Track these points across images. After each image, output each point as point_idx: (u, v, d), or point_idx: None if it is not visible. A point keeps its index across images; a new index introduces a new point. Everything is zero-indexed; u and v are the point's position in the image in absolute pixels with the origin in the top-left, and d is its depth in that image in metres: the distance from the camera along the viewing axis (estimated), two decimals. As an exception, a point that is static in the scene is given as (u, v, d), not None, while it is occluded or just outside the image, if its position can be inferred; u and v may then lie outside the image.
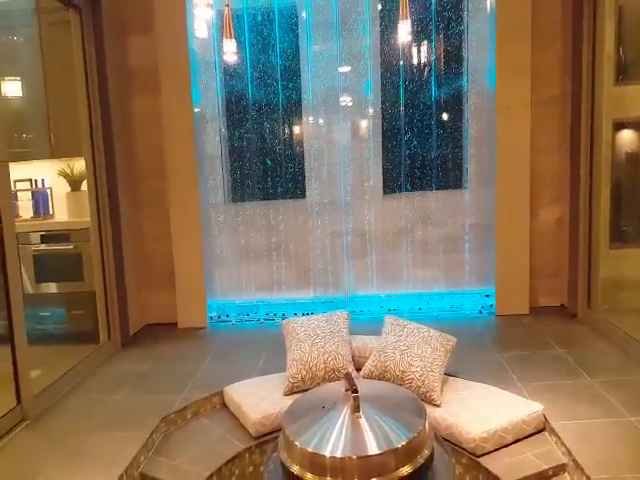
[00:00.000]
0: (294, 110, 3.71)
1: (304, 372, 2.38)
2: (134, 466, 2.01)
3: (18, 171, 3.71)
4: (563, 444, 1.96)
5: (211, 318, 3.74)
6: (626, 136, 3.43)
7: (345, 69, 3.65)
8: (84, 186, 3.53)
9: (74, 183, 3.68)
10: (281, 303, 3.77)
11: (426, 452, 1.61)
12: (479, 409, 2.14)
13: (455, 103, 3.65)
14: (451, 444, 2.04)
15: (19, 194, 3.76)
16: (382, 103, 3.66)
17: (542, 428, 2.13)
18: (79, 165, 3.56)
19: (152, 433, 2.19)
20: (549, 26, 3.42)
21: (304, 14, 3.60)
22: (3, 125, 2.37)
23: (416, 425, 1.63)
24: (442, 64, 3.62)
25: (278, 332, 2.67)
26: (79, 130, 3.18)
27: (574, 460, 1.87)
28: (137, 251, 3.65)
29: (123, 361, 3.08)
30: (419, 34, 3.59)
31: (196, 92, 3.63)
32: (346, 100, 3.67)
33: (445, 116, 3.67)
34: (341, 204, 3.74)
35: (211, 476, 2.00)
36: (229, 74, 3.70)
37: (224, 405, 2.50)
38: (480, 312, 3.64)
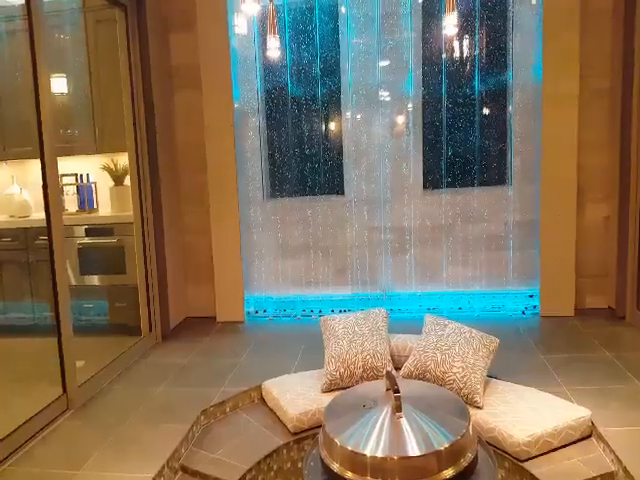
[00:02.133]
0: (333, 105, 3.71)
1: (342, 369, 2.38)
2: (175, 458, 2.06)
3: (64, 166, 3.85)
4: (612, 451, 1.89)
5: (249, 313, 3.79)
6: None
7: (385, 64, 3.61)
8: (127, 181, 3.63)
9: (117, 178, 3.79)
10: (318, 299, 3.78)
11: (469, 455, 1.59)
12: (523, 412, 2.10)
13: (499, 97, 3.56)
14: (494, 447, 2.00)
15: (65, 188, 3.90)
16: (423, 98, 3.61)
17: (589, 434, 2.07)
18: (122, 160, 3.66)
19: (192, 425, 2.24)
20: (598, 16, 3.29)
21: (344, 8, 3.58)
22: (50, 121, 2.44)
23: (459, 427, 1.61)
24: (486, 57, 3.53)
25: (315, 328, 2.68)
26: (123, 126, 3.27)
27: (624, 468, 1.80)
28: (178, 245, 3.72)
29: (163, 353, 3.15)
30: (462, 27, 3.51)
31: (236, 88, 3.67)
32: (385, 95, 3.64)
33: (488, 111, 3.58)
34: (380, 200, 3.72)
35: (250, 470, 2.02)
36: (269, 70, 3.72)
37: (262, 400, 2.53)
38: (523, 313, 3.55)
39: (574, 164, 3.35)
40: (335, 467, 1.60)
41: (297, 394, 2.35)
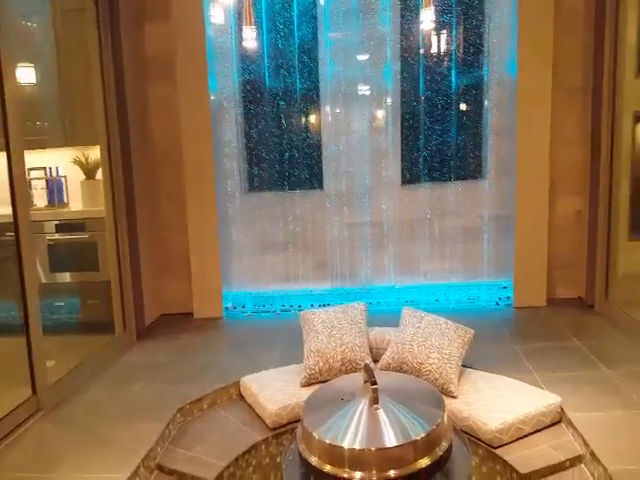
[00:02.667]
0: (312, 99, 3.71)
1: (321, 364, 2.41)
2: (151, 457, 2.05)
3: (32, 159, 3.74)
4: (580, 435, 1.98)
5: (227, 309, 3.78)
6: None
7: (364, 57, 3.63)
8: (99, 174, 3.57)
9: (89, 171, 3.71)
10: (297, 294, 3.80)
11: (444, 444, 1.64)
12: (496, 401, 2.17)
13: (476, 93, 3.62)
14: (469, 435, 2.07)
15: (33, 182, 3.78)
16: (401, 92, 3.64)
17: (559, 420, 2.16)
18: (94, 153, 3.58)
19: (169, 424, 2.23)
20: (572, 15, 3.38)
21: (323, 1, 3.58)
22: (17, 112, 2.38)
23: (435, 417, 1.66)
24: (463, 53, 3.58)
25: (294, 323, 2.70)
26: (94, 118, 3.20)
27: (591, 451, 1.90)
28: (153, 240, 3.68)
29: (138, 351, 3.12)
30: (440, 22, 3.55)
31: (213, 80, 3.64)
32: (364, 89, 3.66)
33: (465, 106, 3.65)
34: (359, 195, 3.74)
35: (228, 467, 2.03)
36: (246, 61, 3.70)
37: (241, 396, 2.54)
38: (497, 304, 3.65)
39: (547, 159, 3.44)
40: (313, 460, 1.63)
41: (276, 389, 2.38)
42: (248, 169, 3.82)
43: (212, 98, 3.64)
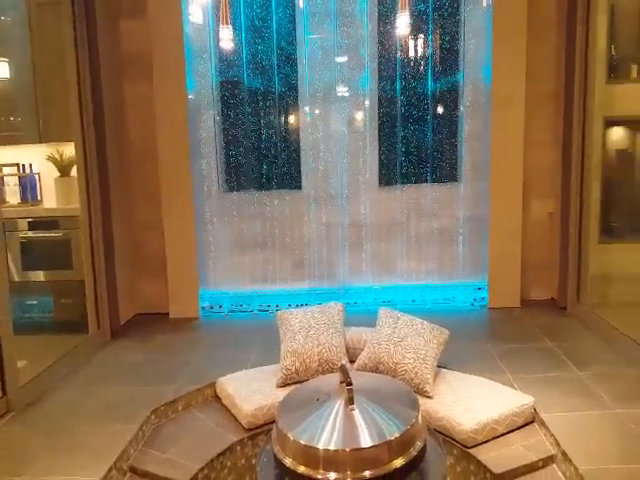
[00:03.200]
0: (290, 99, 3.69)
1: (298, 364, 2.38)
2: (123, 459, 2.00)
3: (5, 155, 3.65)
4: (552, 435, 2.00)
5: (203, 308, 3.74)
6: (616, 133, 3.48)
7: (342, 59, 3.62)
8: (74, 172, 3.49)
9: (63, 169, 3.62)
10: (275, 294, 3.77)
11: (419, 444, 1.63)
12: (470, 401, 2.17)
13: (451, 96, 3.65)
14: (443, 435, 2.07)
15: (6, 179, 3.69)
16: (379, 95, 3.65)
17: (532, 420, 2.17)
18: (68, 150, 3.50)
19: (142, 425, 2.18)
20: (544, 21, 3.43)
21: (302, 2, 3.56)
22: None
23: (409, 417, 1.65)
24: (439, 57, 3.61)
25: (272, 323, 2.67)
26: (69, 114, 3.12)
27: (562, 451, 1.91)
28: (128, 239, 3.62)
29: (113, 352, 3.06)
30: (417, 26, 3.57)
31: (190, 79, 3.58)
32: (343, 91, 3.65)
33: (441, 109, 3.67)
34: (337, 195, 3.74)
35: (202, 469, 2.00)
36: (224, 61, 3.65)
37: (216, 397, 2.50)
38: (472, 304, 3.68)
39: (520, 162, 3.48)
40: (288, 462, 1.60)
41: (252, 390, 2.34)
42: (226, 169, 3.78)
43: (190, 97, 3.59)
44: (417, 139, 3.67)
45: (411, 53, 3.63)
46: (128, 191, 3.62)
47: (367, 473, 1.53)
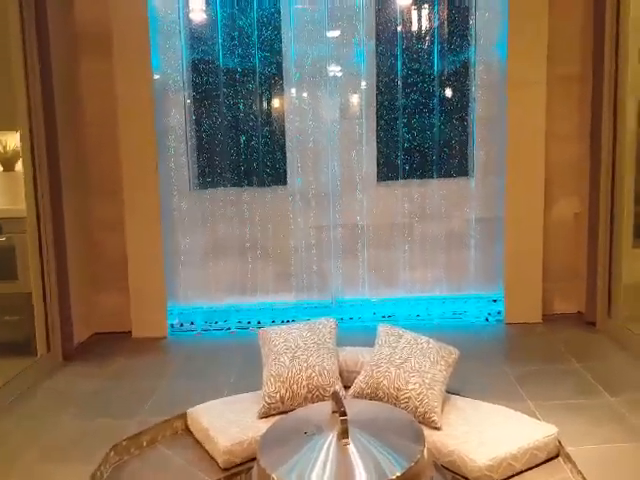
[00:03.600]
0: (274, 81, 3.70)
1: (283, 391, 2.38)
2: (79, 504, 1.99)
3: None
4: (579, 472, 2.01)
5: (172, 326, 3.74)
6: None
7: (334, 34, 3.63)
8: (19, 166, 3.46)
9: (7, 161, 3.61)
10: (256, 309, 3.78)
11: (425, 484, 1.63)
12: (485, 433, 2.18)
13: (461, 78, 3.68)
14: (453, 473, 2.07)
15: (-62, 174, 3.67)
16: (377, 75, 3.67)
17: (556, 454, 2.18)
18: (13, 140, 3.49)
19: (100, 465, 2.16)
20: (568, -5, 3.47)
21: (286, -33, 3.58)
22: None
23: (413, 453, 1.65)
24: (446, 32, 3.64)
25: (253, 343, 2.67)
26: (13, 99, 3.11)
27: (592, 491, 1.92)
28: (84, 245, 3.61)
29: (65, 378, 3.05)
30: (420, -5, 3.61)
31: (156, 57, 3.58)
32: (335, 70, 3.67)
33: (449, 92, 3.70)
34: (328, 193, 3.75)
35: (170, 515, 1.99)
36: (196, 37, 3.66)
37: (187, 430, 2.49)
38: (486, 320, 3.70)
39: (541, 154, 3.51)
40: (272, 506, 1.59)
41: (230, 422, 2.34)
42: (198, 161, 3.78)
43: (156, 78, 3.59)
44: (421, 127, 3.69)
45: (414, 27, 3.65)
46: (83, 187, 3.61)
47: (364, 518, 1.53)
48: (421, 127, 3.69)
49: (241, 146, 3.74)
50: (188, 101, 3.70)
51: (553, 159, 3.56)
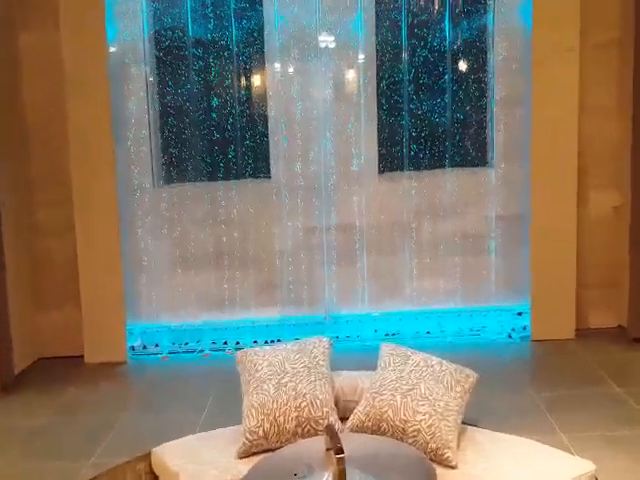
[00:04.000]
0: (253, 54, 3.72)
1: (267, 425, 2.38)
2: None
3: None
4: (622, 517, 2.02)
5: (133, 349, 3.74)
6: None
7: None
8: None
9: None
10: (235, 327, 3.78)
11: (438, 533, 1.64)
12: (509, 471, 2.19)
13: (477, 49, 3.72)
14: (471, 521, 2.08)
15: None
16: (377, 46, 3.69)
17: (594, 496, 2.19)
18: None
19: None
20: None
21: None
22: None
23: (424, 496, 1.66)
24: (460, -6, 3.67)
25: (230, 368, 2.65)
26: None
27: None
28: (24, 253, 3.61)
29: (4, 412, 3.04)
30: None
31: (111, 25, 3.59)
32: (327, 41, 3.69)
33: (463, 66, 3.74)
34: (320, 187, 3.76)
35: None
36: (160, 1, 3.66)
37: (152, 474, 2.46)
38: (510, 337, 3.72)
39: (574, 139, 3.53)
40: None
41: (203, 463, 2.33)
42: (164, 151, 3.79)
43: (111, 50, 3.59)
44: (431, 108, 3.71)
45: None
46: (23, 182, 3.61)
47: None
48: (430, 108, 3.72)
49: (215, 132, 3.75)
50: (151, 79, 3.72)
51: (588, 144, 3.58)
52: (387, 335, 3.70)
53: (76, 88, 3.49)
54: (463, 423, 2.42)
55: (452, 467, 2.23)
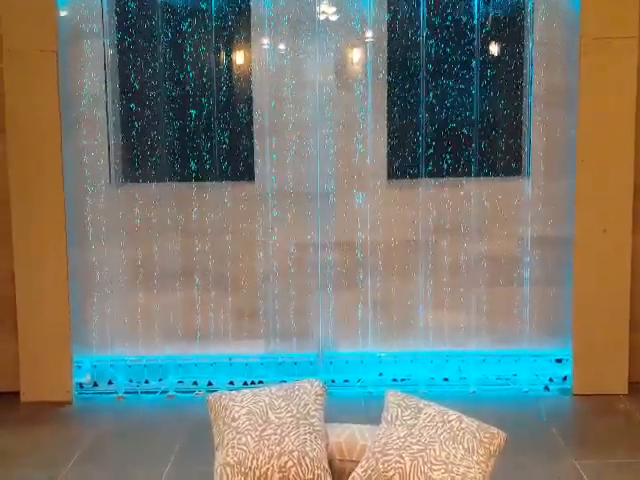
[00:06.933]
0: (237, 26, 3.75)
1: (246, 487, 2.42)
2: None
3: None
4: None
5: (81, 386, 3.75)
6: None
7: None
8: None
9: None
10: (207, 364, 3.80)
11: None
12: None
13: (513, 31, 3.75)
14: None
15: None
16: (389, 25, 3.73)
17: None
18: None
19: None
20: None
21: None
22: None
23: None
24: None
25: (200, 414, 2.66)
26: None
27: None
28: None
29: None
30: None
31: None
32: (328, 13, 3.71)
33: (495, 51, 3.77)
34: (315, 195, 3.80)
35: None
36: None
37: None
38: (547, 389, 3.76)
39: (630, 145, 3.59)
40: None
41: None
42: (124, 144, 3.82)
43: (62, 15, 3.61)
44: (454, 102, 3.76)
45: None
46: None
47: None
48: (453, 102, 3.76)
49: (188, 123, 3.78)
50: (110, 52, 3.74)
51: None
52: (395, 381, 3.73)
53: (14, 63, 3.52)
54: (486, 493, 2.47)
55: None
